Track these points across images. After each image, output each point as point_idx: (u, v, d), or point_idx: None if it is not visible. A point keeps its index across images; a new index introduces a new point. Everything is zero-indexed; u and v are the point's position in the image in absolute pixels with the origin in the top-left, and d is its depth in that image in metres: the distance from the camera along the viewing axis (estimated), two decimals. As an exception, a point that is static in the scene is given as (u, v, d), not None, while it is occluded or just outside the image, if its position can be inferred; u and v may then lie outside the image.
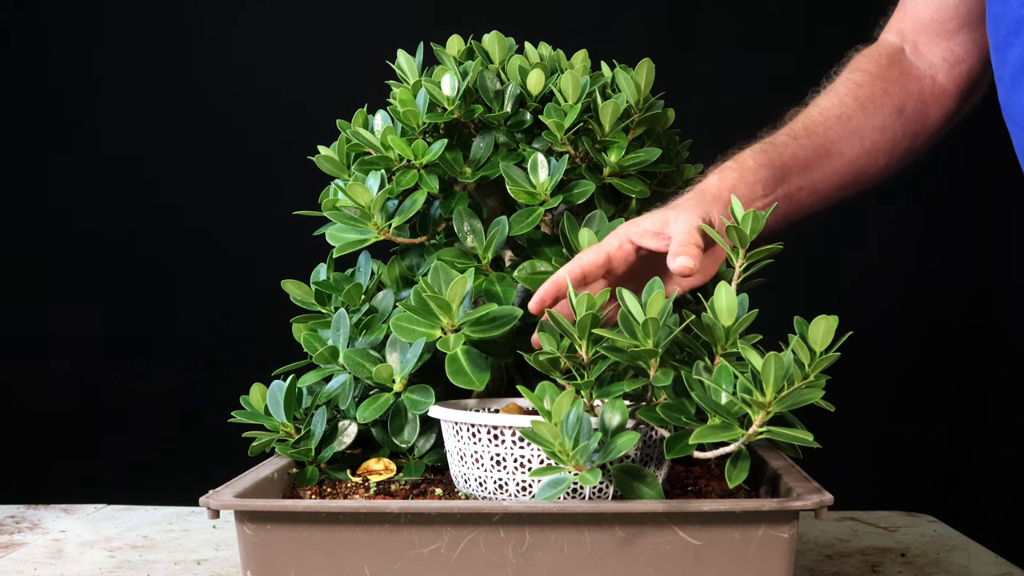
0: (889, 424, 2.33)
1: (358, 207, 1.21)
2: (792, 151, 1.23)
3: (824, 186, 1.26)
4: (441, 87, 1.25)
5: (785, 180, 1.22)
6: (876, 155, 1.30)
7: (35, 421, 2.32)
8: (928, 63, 1.33)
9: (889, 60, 1.33)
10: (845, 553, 1.45)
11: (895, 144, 1.31)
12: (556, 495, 0.98)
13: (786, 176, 1.22)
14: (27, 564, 1.41)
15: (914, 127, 1.33)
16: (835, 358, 0.96)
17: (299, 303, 1.29)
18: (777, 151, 1.22)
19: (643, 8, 2.28)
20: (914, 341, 2.32)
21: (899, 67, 1.33)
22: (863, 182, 1.30)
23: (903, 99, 1.31)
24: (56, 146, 2.28)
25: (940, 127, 1.35)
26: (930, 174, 2.29)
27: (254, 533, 1.02)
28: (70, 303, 2.30)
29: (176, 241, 2.29)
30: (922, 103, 1.33)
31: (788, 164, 1.22)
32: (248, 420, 1.21)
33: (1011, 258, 2.28)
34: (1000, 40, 1.15)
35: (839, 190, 1.28)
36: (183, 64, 2.28)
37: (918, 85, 1.33)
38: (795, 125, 1.27)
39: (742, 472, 0.99)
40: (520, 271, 1.19)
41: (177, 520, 1.65)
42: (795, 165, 1.23)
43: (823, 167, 1.26)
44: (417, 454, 1.24)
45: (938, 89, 1.33)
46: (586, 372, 1.05)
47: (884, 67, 1.32)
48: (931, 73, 1.33)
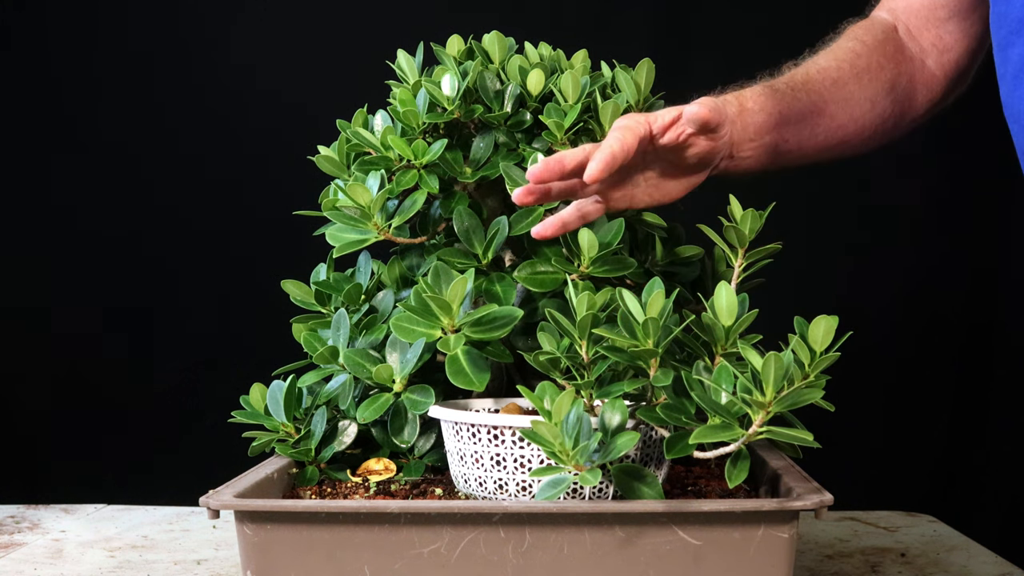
0: (889, 424, 2.33)
1: (358, 207, 1.21)
2: (788, 102, 1.24)
3: (809, 144, 1.26)
4: (441, 87, 1.25)
5: (775, 129, 1.22)
6: (863, 125, 1.30)
7: (35, 421, 2.32)
8: (919, 46, 1.34)
9: (885, 36, 1.34)
10: (845, 553, 1.45)
11: (882, 120, 1.32)
12: (556, 495, 0.98)
13: (777, 125, 1.22)
14: (27, 564, 1.41)
15: (901, 106, 1.33)
16: (835, 358, 0.96)
17: (299, 303, 1.29)
18: (775, 99, 1.23)
19: (643, 8, 2.28)
20: (914, 340, 2.32)
21: (894, 44, 1.33)
22: (845, 150, 1.31)
23: (895, 76, 1.32)
24: (56, 146, 2.28)
25: (924, 112, 1.36)
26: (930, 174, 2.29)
27: (254, 533, 1.02)
28: (70, 303, 2.30)
29: (176, 241, 2.29)
30: (912, 84, 1.33)
31: (782, 114, 1.23)
32: (248, 420, 1.21)
33: (1011, 257, 2.28)
34: (1002, 39, 1.15)
35: (822, 151, 1.29)
36: (183, 64, 2.28)
37: (910, 66, 1.33)
38: (795, 77, 1.27)
39: (742, 472, 0.99)
40: (520, 271, 1.19)
41: (177, 520, 1.65)
42: (790, 116, 1.24)
43: (813, 125, 1.26)
44: (417, 454, 1.24)
45: (927, 74, 1.34)
46: (586, 372, 1.05)
47: (881, 41, 1.33)
48: (921, 57, 1.34)
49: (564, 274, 1.18)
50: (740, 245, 1.12)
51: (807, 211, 2.16)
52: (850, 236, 2.30)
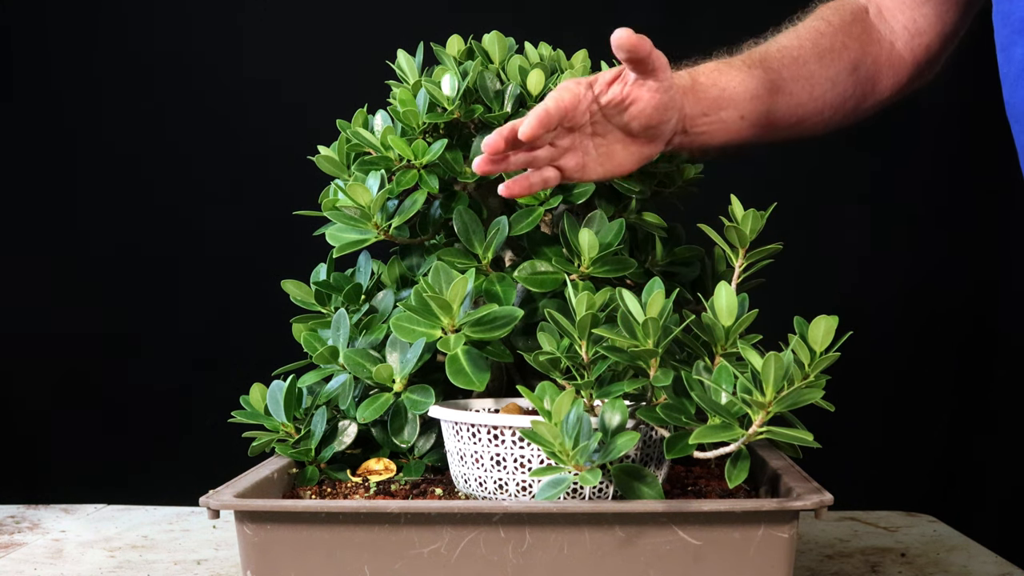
0: (889, 424, 2.33)
1: (358, 207, 1.21)
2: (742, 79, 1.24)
3: (765, 121, 1.26)
4: (441, 87, 1.25)
5: (729, 106, 1.22)
6: (823, 106, 1.30)
7: (35, 421, 2.31)
8: (889, 28, 1.34)
9: (853, 16, 1.34)
10: (845, 553, 1.45)
11: (843, 100, 1.31)
12: (556, 495, 0.98)
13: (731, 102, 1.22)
14: (27, 564, 1.41)
15: (863, 87, 1.33)
16: (835, 358, 0.96)
17: (299, 303, 1.29)
18: (728, 76, 1.23)
19: (643, 9, 2.28)
20: (914, 340, 2.32)
21: (861, 25, 1.33)
22: (804, 129, 1.31)
23: (859, 57, 1.32)
24: (56, 146, 2.28)
25: (889, 95, 1.36)
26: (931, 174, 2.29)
27: (254, 533, 1.02)
28: (70, 303, 2.29)
29: (176, 241, 2.29)
30: (876, 66, 1.33)
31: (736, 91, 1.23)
32: (248, 420, 1.21)
33: (1012, 257, 2.28)
34: (1005, 39, 1.15)
35: (778, 130, 1.28)
36: (183, 64, 2.28)
37: (876, 48, 1.33)
38: (752, 55, 1.28)
39: (742, 472, 0.99)
40: (520, 271, 1.19)
41: (177, 520, 1.65)
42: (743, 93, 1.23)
43: (769, 102, 1.26)
44: (417, 454, 1.24)
45: (895, 56, 1.34)
46: (586, 372, 1.05)
47: (848, 22, 1.33)
48: (891, 39, 1.34)
49: (564, 274, 1.18)
50: (741, 245, 1.12)
51: (807, 211, 2.16)
52: (850, 236, 2.30)
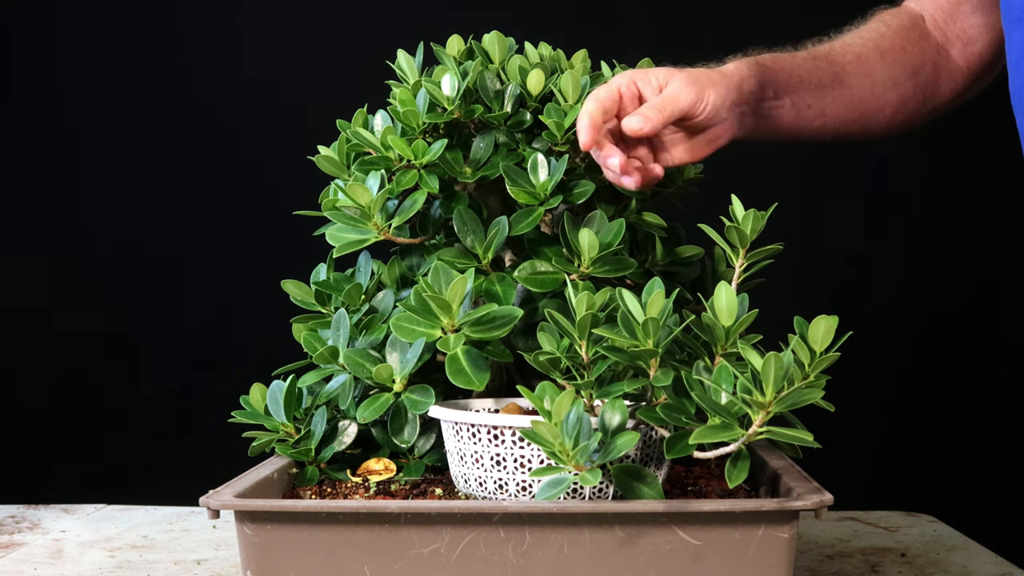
0: (889, 424, 2.33)
1: (358, 207, 1.21)
2: (808, 69, 1.28)
3: (831, 111, 1.30)
4: (441, 87, 1.25)
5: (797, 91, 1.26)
6: (884, 104, 1.33)
7: (35, 421, 2.32)
8: (944, 36, 1.37)
9: (911, 22, 1.37)
10: (845, 553, 1.45)
11: (904, 102, 1.34)
12: (556, 495, 0.98)
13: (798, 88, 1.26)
14: (27, 564, 1.41)
15: (924, 92, 1.36)
16: (835, 358, 0.96)
17: (299, 303, 1.29)
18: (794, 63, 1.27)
19: (643, 8, 2.28)
20: (914, 340, 2.32)
21: (919, 31, 1.37)
22: (866, 127, 1.34)
23: (919, 62, 1.35)
24: (56, 146, 2.28)
25: (947, 101, 1.39)
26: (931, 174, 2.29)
27: (254, 533, 1.02)
28: (70, 303, 2.30)
29: (176, 241, 2.29)
30: (935, 72, 1.36)
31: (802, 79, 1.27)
32: (248, 420, 1.21)
33: (1011, 257, 2.28)
34: (1007, 27, 1.17)
35: (844, 123, 1.32)
36: (183, 64, 2.28)
37: (934, 54, 1.36)
38: (818, 49, 1.32)
39: (742, 472, 0.99)
40: (520, 271, 1.19)
41: (177, 520, 1.65)
42: (810, 82, 1.28)
43: (834, 92, 1.29)
44: (417, 454, 1.24)
45: (951, 64, 1.37)
46: (586, 372, 1.05)
47: (907, 27, 1.36)
48: (946, 47, 1.37)
49: (564, 274, 1.18)
50: (741, 245, 1.12)
51: (807, 211, 2.16)
52: (850, 236, 2.30)
